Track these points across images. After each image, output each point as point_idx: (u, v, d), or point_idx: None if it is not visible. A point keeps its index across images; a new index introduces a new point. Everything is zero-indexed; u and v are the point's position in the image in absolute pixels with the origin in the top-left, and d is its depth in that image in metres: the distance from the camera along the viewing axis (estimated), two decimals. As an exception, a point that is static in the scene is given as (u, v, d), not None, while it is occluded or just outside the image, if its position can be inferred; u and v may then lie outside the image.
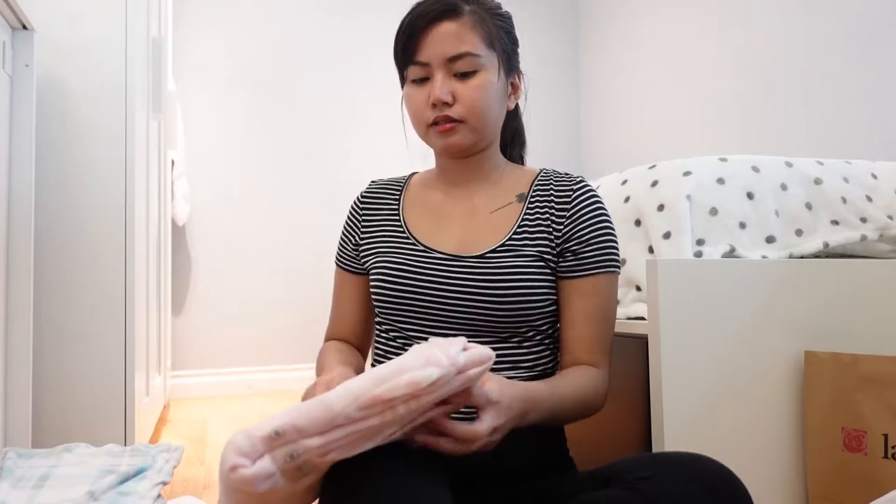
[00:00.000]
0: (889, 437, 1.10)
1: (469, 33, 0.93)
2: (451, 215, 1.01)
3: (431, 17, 0.93)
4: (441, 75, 0.94)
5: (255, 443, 0.60)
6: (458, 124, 0.95)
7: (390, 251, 1.00)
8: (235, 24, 3.24)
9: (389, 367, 0.66)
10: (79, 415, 1.67)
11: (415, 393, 0.64)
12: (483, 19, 0.95)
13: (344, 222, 1.10)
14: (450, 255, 0.96)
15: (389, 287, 0.96)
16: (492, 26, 0.96)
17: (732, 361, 1.16)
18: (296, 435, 0.62)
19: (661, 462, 0.76)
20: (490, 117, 0.96)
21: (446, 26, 0.93)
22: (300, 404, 0.64)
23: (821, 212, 1.36)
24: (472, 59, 0.93)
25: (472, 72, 0.94)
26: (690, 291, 1.14)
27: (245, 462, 0.60)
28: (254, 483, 0.59)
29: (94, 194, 1.70)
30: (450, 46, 0.93)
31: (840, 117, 2.23)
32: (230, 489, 0.61)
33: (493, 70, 0.95)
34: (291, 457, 0.61)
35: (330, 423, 0.62)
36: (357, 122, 3.37)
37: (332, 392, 0.64)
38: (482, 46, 0.94)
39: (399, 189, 1.08)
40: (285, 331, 3.21)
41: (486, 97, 0.94)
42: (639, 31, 3.32)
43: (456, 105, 0.94)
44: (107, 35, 1.74)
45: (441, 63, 0.93)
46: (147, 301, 2.01)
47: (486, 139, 0.99)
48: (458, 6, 0.94)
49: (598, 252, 0.96)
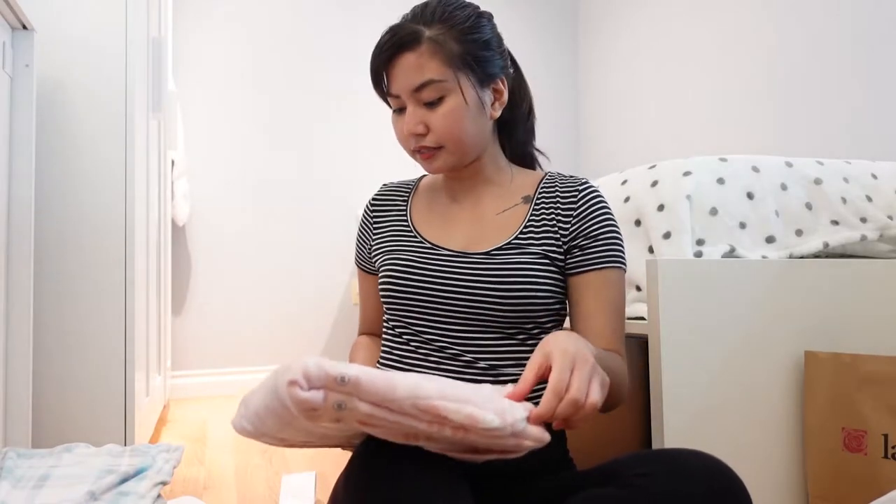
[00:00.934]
0: (889, 437, 1.11)
1: (429, 61, 0.93)
2: (459, 217, 1.04)
3: (391, 52, 0.94)
4: (411, 107, 0.95)
5: (322, 375, 0.63)
6: (437, 150, 0.97)
7: (398, 249, 1.03)
8: (235, 24, 3.23)
9: (465, 389, 0.68)
10: (79, 415, 1.67)
11: (468, 426, 0.66)
12: (443, 41, 0.93)
13: (358, 225, 1.14)
14: (456, 251, 0.98)
15: (397, 283, 0.98)
16: (453, 45, 0.93)
17: (732, 361, 1.16)
18: (354, 391, 0.64)
19: (660, 459, 0.77)
20: (467, 138, 0.96)
21: (406, 58, 0.93)
22: (372, 369, 0.66)
23: (821, 212, 1.36)
24: (436, 85, 0.93)
25: (439, 98, 0.94)
26: (690, 291, 1.14)
27: (304, 384, 0.62)
28: (299, 404, 0.62)
29: (94, 194, 1.70)
30: (412, 78, 0.93)
31: (840, 117, 2.23)
32: (275, 393, 0.64)
33: (465, 88, 0.94)
34: (339, 406, 0.64)
35: (385, 401, 0.64)
36: (358, 122, 3.37)
37: (403, 377, 0.66)
38: (445, 70, 0.93)
39: (408, 191, 1.12)
40: (285, 331, 3.21)
41: (456, 121, 0.94)
42: (639, 32, 3.32)
43: (430, 134, 0.96)
44: (107, 35, 1.73)
45: (408, 94, 0.95)
46: (147, 301, 2.01)
47: (470, 156, 1.00)
48: (416, 35, 0.93)
49: (605, 247, 0.97)
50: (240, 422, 0.74)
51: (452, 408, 0.65)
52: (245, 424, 0.73)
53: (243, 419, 0.73)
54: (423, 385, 0.66)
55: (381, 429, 0.67)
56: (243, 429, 0.74)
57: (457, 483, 0.70)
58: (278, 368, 0.65)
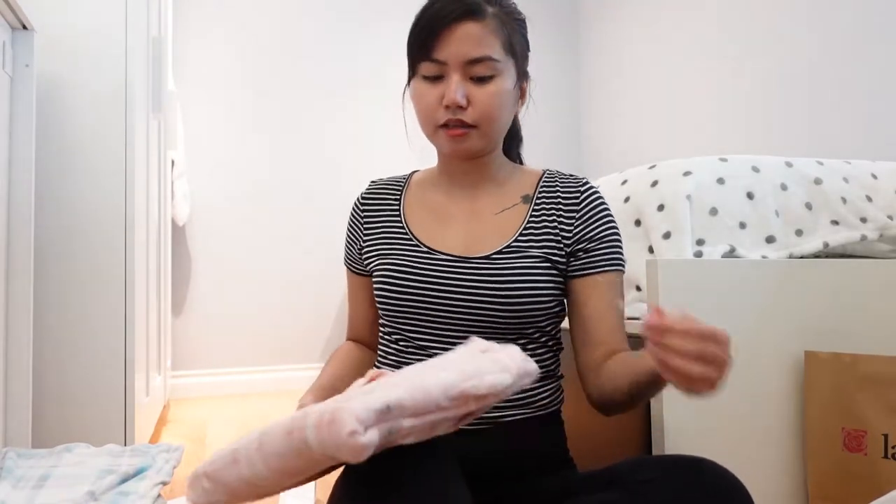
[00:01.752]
0: (889, 437, 1.11)
1: (490, 36, 0.91)
2: (455, 216, 1.00)
3: (455, 16, 0.90)
4: (457, 76, 0.91)
5: (370, 414, 0.60)
6: (470, 129, 0.93)
7: (393, 253, 0.99)
8: (235, 24, 3.23)
9: (463, 362, 0.69)
10: (79, 415, 1.67)
11: (489, 394, 0.66)
12: (504, 23, 0.93)
13: (347, 224, 1.10)
14: (454, 256, 0.95)
15: (393, 290, 0.95)
16: (512, 30, 0.94)
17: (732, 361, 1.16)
18: (399, 413, 0.62)
19: (663, 465, 0.76)
20: (501, 124, 0.96)
21: (469, 27, 0.90)
22: (395, 384, 0.64)
23: (821, 212, 1.36)
24: (491, 63, 0.91)
25: (490, 77, 0.91)
26: (690, 291, 1.14)
27: (361, 430, 0.58)
28: (363, 452, 0.58)
29: (94, 194, 1.70)
30: (471, 48, 0.90)
31: (840, 117, 2.23)
32: (323, 443, 0.59)
33: (509, 76, 0.94)
34: (390, 432, 0.62)
35: (425, 408, 0.64)
36: (358, 121, 3.37)
37: (425, 379, 0.65)
38: (501, 51, 0.92)
39: (399, 189, 1.07)
40: (285, 331, 3.21)
41: (500, 104, 0.93)
42: (639, 32, 3.32)
43: (470, 109, 0.92)
44: (107, 35, 1.73)
45: (459, 64, 0.91)
46: (147, 301, 2.01)
47: (493, 144, 0.98)
48: (482, 7, 0.91)
49: (609, 250, 0.96)
50: (209, 500, 0.68)
51: (476, 383, 0.66)
52: (217, 499, 0.68)
53: (213, 495, 0.68)
54: (443, 377, 0.66)
55: (418, 433, 0.66)
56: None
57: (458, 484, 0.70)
58: (298, 423, 0.61)
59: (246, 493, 0.68)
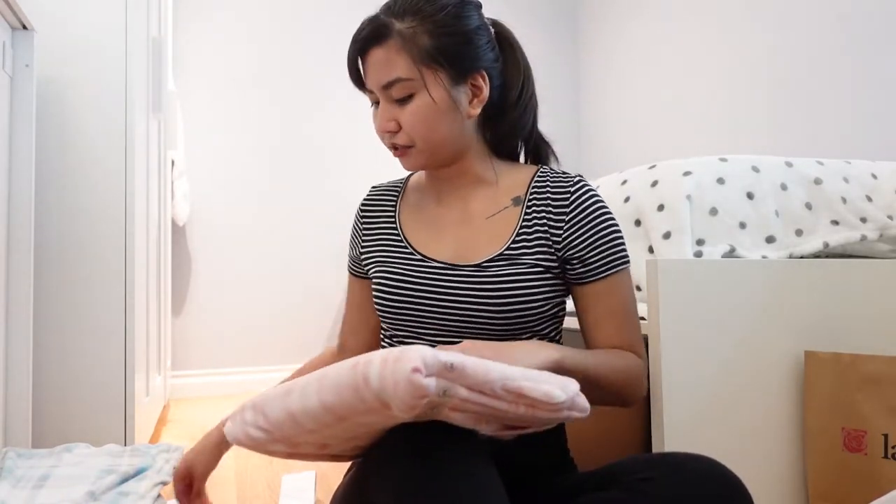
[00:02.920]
0: (889, 437, 1.11)
1: (396, 57, 0.89)
2: (447, 222, 0.99)
3: (361, 46, 0.92)
4: (383, 102, 0.93)
5: (436, 362, 0.61)
6: (409, 148, 0.94)
7: (389, 260, 0.99)
8: (235, 23, 3.23)
9: (534, 372, 0.70)
10: (79, 415, 1.67)
11: (540, 403, 0.67)
12: (413, 36, 0.89)
13: (351, 228, 1.11)
14: (447, 264, 0.94)
15: (389, 296, 0.95)
16: (424, 40, 0.89)
17: (732, 361, 1.16)
18: (459, 377, 0.63)
19: (662, 463, 0.76)
20: (437, 137, 0.92)
21: (375, 54, 0.91)
22: (464, 355, 0.65)
23: (821, 212, 1.36)
24: (403, 83, 0.90)
25: (408, 96, 0.91)
26: (690, 291, 1.14)
27: (423, 371, 0.60)
28: (419, 392, 0.59)
29: (94, 194, 1.70)
30: (381, 74, 0.91)
31: (840, 117, 2.23)
32: (383, 379, 0.60)
33: (434, 88, 0.90)
34: (444, 393, 0.62)
35: (482, 386, 0.64)
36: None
37: (489, 363, 0.66)
38: (412, 68, 0.89)
39: (396, 194, 1.07)
40: (285, 331, 3.21)
41: (424, 120, 0.91)
42: (638, 32, 3.32)
43: (400, 132, 0.93)
44: (107, 35, 1.74)
45: (379, 90, 0.92)
46: (147, 301, 2.01)
47: (443, 155, 0.95)
48: (386, 28, 0.90)
49: (605, 254, 0.93)
50: (246, 430, 0.70)
51: (532, 386, 0.66)
52: (254, 433, 0.69)
53: (252, 427, 0.69)
54: (508, 370, 0.67)
55: (468, 415, 0.67)
56: (250, 438, 0.70)
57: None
58: (364, 358, 0.63)
59: (285, 433, 0.68)
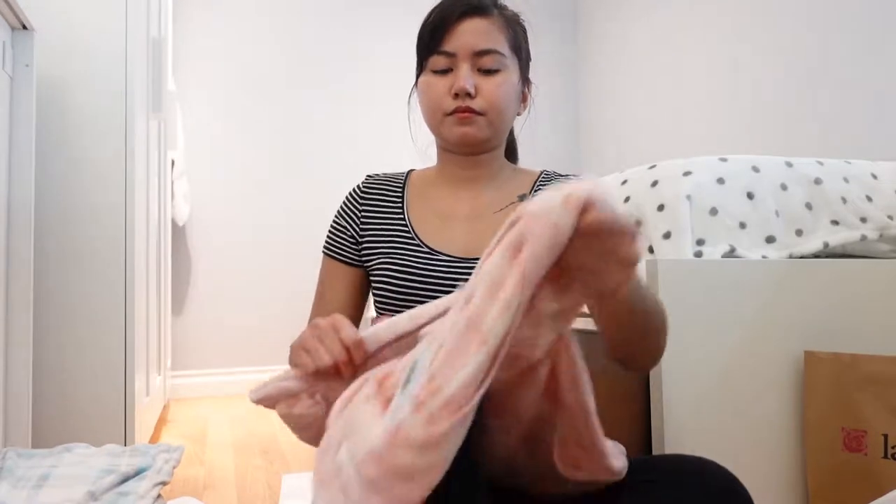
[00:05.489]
0: (889, 437, 1.10)
1: (497, 32, 0.96)
2: (457, 216, 1.00)
3: (463, 11, 0.95)
4: (466, 67, 0.95)
5: (611, 198, 0.58)
6: (478, 116, 0.96)
7: (396, 252, 0.99)
8: (235, 23, 3.24)
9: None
10: (79, 415, 1.67)
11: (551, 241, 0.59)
12: (511, 23, 0.99)
13: (338, 212, 1.07)
14: (456, 257, 0.95)
15: (394, 289, 0.95)
16: (516, 33, 1.00)
17: (732, 361, 1.16)
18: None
19: (664, 466, 0.76)
20: (507, 115, 0.98)
21: (477, 22, 0.96)
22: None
23: (821, 212, 1.36)
24: (498, 57, 0.96)
25: (496, 70, 0.96)
26: (690, 291, 1.14)
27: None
28: (594, 203, 0.56)
29: (94, 194, 1.70)
30: (479, 41, 0.95)
31: (840, 117, 2.23)
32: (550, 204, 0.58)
33: (514, 73, 0.98)
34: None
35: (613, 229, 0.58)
36: (358, 121, 3.37)
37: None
38: (507, 48, 0.97)
39: (400, 186, 1.06)
40: (285, 331, 3.21)
41: (506, 95, 0.96)
42: (638, 32, 3.32)
43: (478, 98, 0.95)
44: (107, 35, 1.73)
45: (468, 55, 0.95)
46: (147, 301, 2.01)
47: (498, 137, 1.00)
48: (489, 6, 0.97)
49: None
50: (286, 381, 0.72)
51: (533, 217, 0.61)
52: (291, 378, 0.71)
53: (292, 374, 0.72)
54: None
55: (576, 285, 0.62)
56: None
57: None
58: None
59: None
